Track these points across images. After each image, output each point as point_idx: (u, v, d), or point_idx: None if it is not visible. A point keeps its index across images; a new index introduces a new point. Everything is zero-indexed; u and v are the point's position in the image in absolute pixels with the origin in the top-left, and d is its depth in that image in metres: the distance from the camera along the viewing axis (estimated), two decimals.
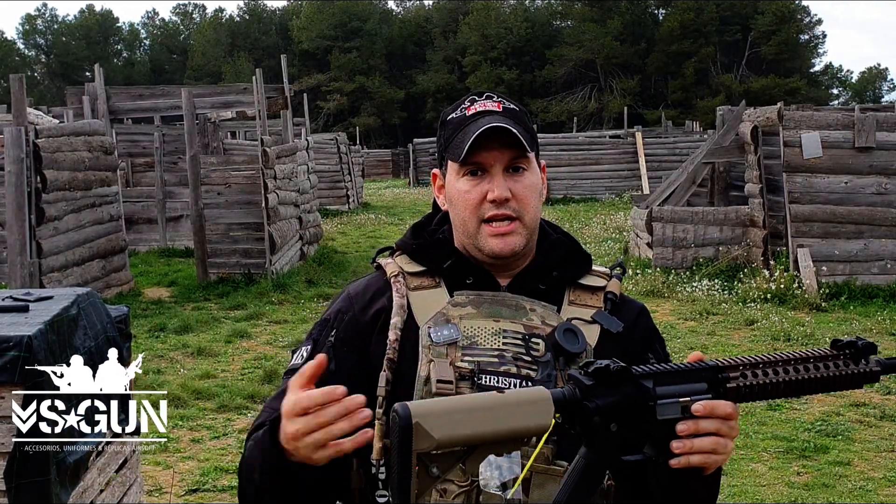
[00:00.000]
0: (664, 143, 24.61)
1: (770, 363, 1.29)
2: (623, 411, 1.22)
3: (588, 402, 1.21)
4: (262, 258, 12.00)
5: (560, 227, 1.65)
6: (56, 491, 2.94)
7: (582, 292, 1.54)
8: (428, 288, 1.51)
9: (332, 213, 21.46)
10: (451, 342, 1.42)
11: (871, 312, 9.34)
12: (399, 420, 1.14)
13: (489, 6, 56.75)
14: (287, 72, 16.15)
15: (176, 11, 72.48)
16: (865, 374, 1.32)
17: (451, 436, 1.15)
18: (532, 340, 1.44)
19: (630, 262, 12.21)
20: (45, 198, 9.11)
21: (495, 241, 1.47)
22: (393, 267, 1.54)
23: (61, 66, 62.09)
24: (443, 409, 1.17)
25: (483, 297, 1.48)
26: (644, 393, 1.23)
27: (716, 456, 1.26)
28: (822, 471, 5.28)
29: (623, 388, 1.22)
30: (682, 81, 50.82)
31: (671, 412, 1.24)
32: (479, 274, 1.51)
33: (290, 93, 16.20)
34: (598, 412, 1.21)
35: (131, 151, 16.40)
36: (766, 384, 1.28)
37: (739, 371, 1.28)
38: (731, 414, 1.26)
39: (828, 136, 10.24)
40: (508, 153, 1.46)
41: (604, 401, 1.21)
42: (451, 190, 1.51)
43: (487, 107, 1.50)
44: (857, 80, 62.60)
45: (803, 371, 1.29)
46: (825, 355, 1.31)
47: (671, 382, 1.25)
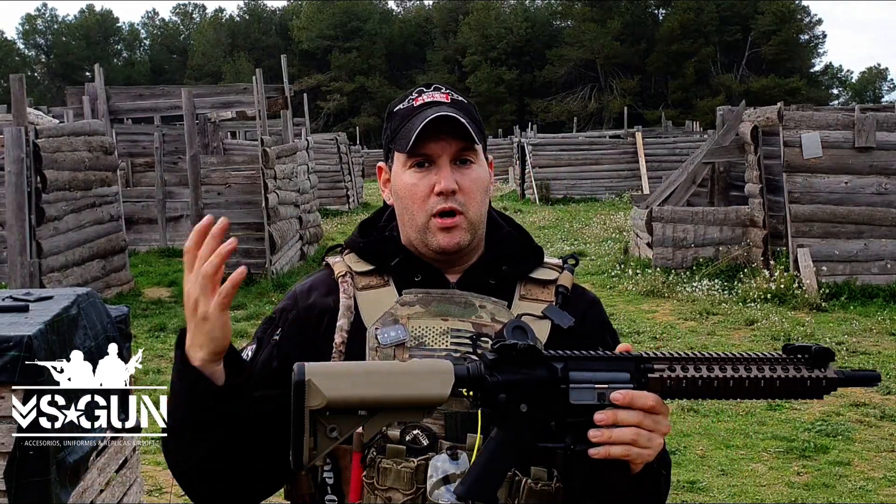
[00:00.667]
0: (664, 143, 24.60)
1: (704, 360, 1.24)
2: (531, 391, 1.20)
3: (490, 376, 1.19)
4: (262, 258, 12.00)
5: (513, 219, 1.60)
6: (56, 491, 2.94)
7: (533, 286, 1.50)
8: (376, 287, 1.47)
9: (332, 213, 21.46)
10: (398, 343, 1.39)
11: (871, 312, 9.34)
12: (294, 377, 1.15)
13: (489, 6, 56.78)
14: (287, 72, 16.16)
15: (176, 11, 72.53)
16: (818, 381, 1.24)
17: (344, 396, 1.14)
18: (481, 339, 1.40)
19: (630, 262, 12.21)
20: (45, 198, 9.11)
21: (442, 236, 1.43)
22: (341, 266, 1.51)
23: (61, 66, 62.10)
24: (338, 371, 1.17)
25: (432, 296, 1.44)
26: (554, 375, 1.21)
27: (639, 449, 1.21)
28: (822, 471, 5.28)
29: (532, 368, 1.21)
30: (682, 81, 50.86)
31: (586, 398, 1.21)
32: (428, 271, 1.47)
33: (290, 93, 16.21)
34: (501, 388, 1.19)
35: (131, 151, 16.41)
36: (696, 380, 1.23)
37: (667, 364, 1.23)
38: (654, 407, 1.21)
39: (828, 136, 10.24)
40: (456, 144, 1.42)
41: (507, 377, 1.20)
42: (398, 183, 1.46)
43: (435, 98, 1.46)
44: (857, 80, 62.66)
45: (743, 371, 1.23)
46: (772, 358, 1.25)
47: (587, 368, 1.22)
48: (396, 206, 1.49)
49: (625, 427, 1.20)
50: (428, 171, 1.43)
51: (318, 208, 16.57)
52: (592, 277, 12.13)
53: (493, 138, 39.43)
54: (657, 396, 1.22)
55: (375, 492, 1.33)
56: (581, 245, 15.00)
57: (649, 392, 1.22)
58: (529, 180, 24.00)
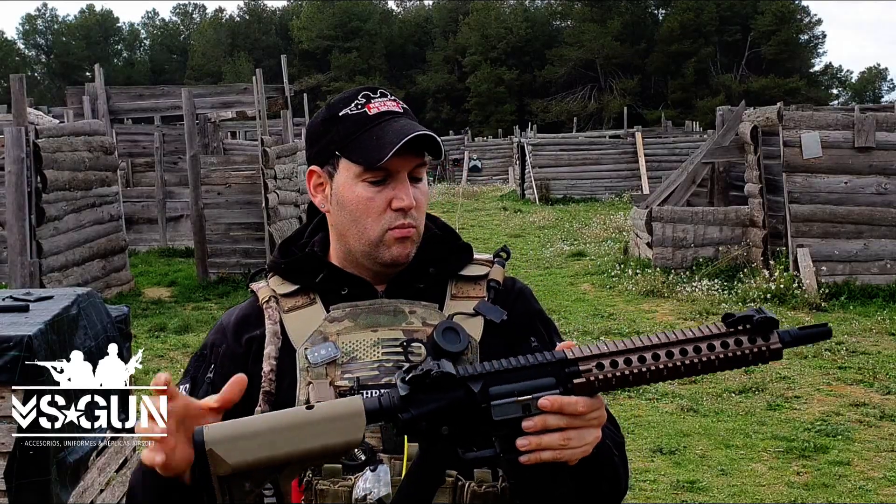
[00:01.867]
0: (664, 143, 24.58)
1: (635, 350, 1.19)
2: (450, 416, 1.17)
3: (403, 412, 1.16)
4: (262, 258, 11.99)
5: (438, 218, 1.56)
6: (56, 491, 2.94)
7: (464, 284, 1.46)
8: (302, 307, 1.42)
9: None
10: (329, 361, 1.35)
11: (870, 312, 9.34)
12: (195, 446, 1.12)
13: (489, 6, 56.77)
14: (287, 72, 16.17)
15: (176, 11, 72.54)
16: (760, 353, 1.19)
17: (249, 461, 1.11)
18: (412, 345, 1.36)
19: (630, 262, 12.21)
20: (45, 198, 9.12)
21: (397, 248, 1.39)
22: (265, 291, 1.45)
23: (61, 66, 62.09)
24: (240, 433, 1.12)
25: (359, 308, 1.40)
26: (472, 397, 1.18)
27: (571, 450, 1.18)
28: (822, 471, 5.28)
29: (449, 392, 1.17)
30: (682, 81, 50.85)
31: (511, 412, 1.18)
32: (354, 283, 1.43)
33: (290, 93, 16.21)
34: (418, 420, 1.17)
35: (131, 151, 16.43)
36: (626, 375, 1.18)
37: (594, 362, 1.18)
38: (583, 411, 1.18)
39: (828, 136, 10.24)
40: (415, 160, 1.38)
41: (421, 410, 1.17)
42: (347, 194, 1.39)
43: (389, 107, 1.40)
44: (857, 80, 62.62)
45: (678, 356, 1.18)
46: (711, 335, 1.19)
47: (509, 381, 1.19)
48: (338, 217, 1.43)
49: (553, 432, 1.17)
50: (384, 186, 1.38)
51: None
52: (592, 277, 12.12)
53: (493, 138, 39.41)
54: (587, 400, 1.18)
55: None
56: (581, 245, 14.99)
57: (577, 396, 1.18)
58: (529, 180, 24.00)
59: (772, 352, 1.20)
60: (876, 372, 7.23)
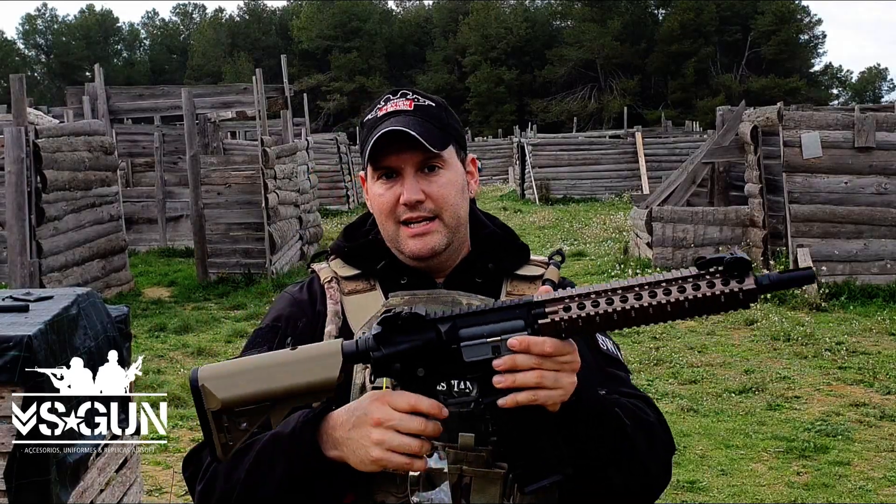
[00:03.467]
0: (664, 143, 24.58)
1: (603, 293, 1.18)
2: (424, 357, 1.20)
3: (375, 351, 1.21)
4: (262, 258, 12.00)
5: (497, 218, 1.61)
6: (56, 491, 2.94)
7: (520, 283, 1.51)
8: (362, 292, 1.48)
9: (332, 213, 21.45)
10: None
11: (871, 312, 9.33)
12: (191, 383, 1.20)
13: (489, 6, 56.77)
14: (287, 72, 16.17)
15: (176, 11, 72.58)
16: (733, 295, 1.15)
17: (237, 395, 1.19)
18: None
19: (630, 262, 12.21)
20: (45, 198, 9.11)
21: (413, 243, 1.43)
22: (327, 272, 1.51)
23: (61, 66, 62.10)
24: (229, 371, 1.21)
25: (418, 297, 1.43)
26: (440, 337, 1.21)
27: (547, 391, 1.20)
28: (822, 471, 5.28)
29: (420, 334, 1.21)
30: (682, 81, 50.85)
31: (481, 353, 1.20)
32: (414, 273, 1.47)
33: (290, 93, 16.21)
34: (391, 359, 1.20)
35: (131, 151, 16.43)
36: (593, 317, 1.18)
37: (560, 305, 1.19)
38: (551, 352, 1.19)
39: (828, 136, 10.24)
40: (418, 154, 1.41)
41: (392, 349, 1.20)
42: (370, 195, 1.48)
43: (399, 106, 1.45)
44: (857, 80, 62.64)
45: (647, 298, 1.16)
46: (683, 278, 1.17)
47: (478, 323, 1.21)
48: (375, 217, 1.50)
49: (526, 371, 1.19)
50: (394, 182, 1.44)
51: (318, 208, 16.56)
52: (592, 277, 12.12)
53: (493, 138, 39.42)
54: (555, 341, 1.19)
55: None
56: (581, 245, 14.99)
57: (545, 337, 1.20)
58: (529, 180, 24.00)
59: (745, 293, 1.16)
60: (876, 372, 7.22)
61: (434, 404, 1.21)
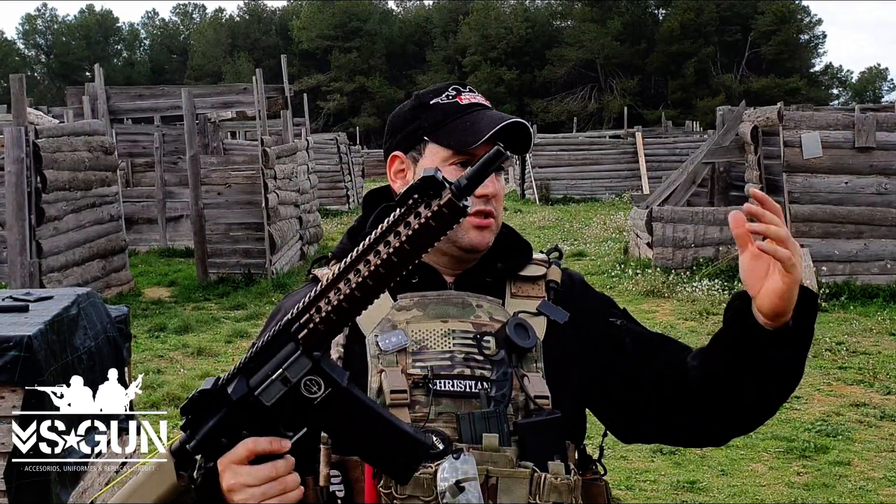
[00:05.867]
0: (664, 143, 24.58)
1: (339, 276, 1.11)
2: (238, 424, 1.19)
3: (188, 443, 1.20)
4: (262, 258, 12.00)
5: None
6: (56, 491, 2.94)
7: (523, 283, 1.49)
8: None
9: (332, 213, 21.45)
10: (400, 349, 1.36)
11: (871, 312, 9.33)
12: None
13: (489, 6, 56.74)
14: (287, 72, 16.16)
15: (176, 11, 72.55)
16: (440, 211, 1.07)
17: None
18: (484, 339, 1.39)
19: (630, 262, 12.21)
20: (45, 198, 9.11)
21: (475, 234, 1.43)
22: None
23: (61, 66, 62.09)
24: None
25: (428, 298, 1.42)
26: (230, 399, 1.19)
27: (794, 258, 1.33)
28: (822, 471, 5.28)
29: (216, 406, 1.19)
30: (682, 81, 50.82)
31: (276, 391, 1.17)
32: (425, 271, 1.44)
33: (290, 93, 16.21)
34: (207, 443, 1.20)
35: (131, 151, 16.41)
36: (340, 304, 1.12)
37: (309, 312, 1.14)
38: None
39: (828, 136, 10.24)
40: None
41: (202, 433, 1.20)
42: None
43: (479, 100, 1.46)
44: (857, 80, 62.59)
45: (373, 259, 1.09)
46: (393, 221, 1.09)
47: (258, 366, 1.18)
48: None
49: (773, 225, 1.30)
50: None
51: (318, 208, 16.56)
52: (592, 277, 12.12)
53: None
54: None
55: (394, 501, 1.31)
56: (581, 245, 14.99)
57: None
58: (529, 180, 24.00)
59: (447, 205, 1.07)
60: (876, 372, 7.22)
61: (269, 442, 1.18)
